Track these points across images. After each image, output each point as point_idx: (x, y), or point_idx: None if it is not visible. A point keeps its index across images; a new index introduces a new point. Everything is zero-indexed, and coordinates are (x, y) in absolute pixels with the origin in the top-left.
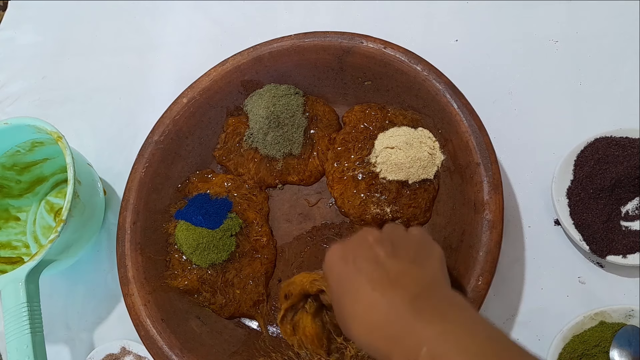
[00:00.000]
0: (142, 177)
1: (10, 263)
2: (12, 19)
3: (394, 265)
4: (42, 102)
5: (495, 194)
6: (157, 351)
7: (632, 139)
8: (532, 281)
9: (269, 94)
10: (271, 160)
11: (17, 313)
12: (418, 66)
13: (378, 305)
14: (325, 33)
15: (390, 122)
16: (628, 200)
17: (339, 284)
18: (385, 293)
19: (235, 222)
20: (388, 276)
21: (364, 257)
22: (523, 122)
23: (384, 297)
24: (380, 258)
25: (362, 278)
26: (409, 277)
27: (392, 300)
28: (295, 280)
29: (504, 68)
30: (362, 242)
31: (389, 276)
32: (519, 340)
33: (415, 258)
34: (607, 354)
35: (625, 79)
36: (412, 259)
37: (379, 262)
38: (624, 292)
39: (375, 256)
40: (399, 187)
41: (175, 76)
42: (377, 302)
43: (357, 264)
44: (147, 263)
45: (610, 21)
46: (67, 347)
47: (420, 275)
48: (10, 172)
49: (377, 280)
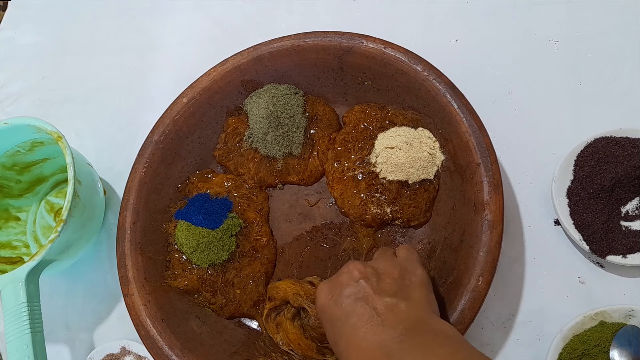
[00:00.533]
0: (142, 177)
1: (10, 263)
2: (12, 19)
3: (381, 304)
4: (42, 102)
5: (495, 194)
6: (157, 351)
7: (632, 139)
8: (532, 281)
9: (269, 94)
10: (271, 160)
11: (17, 313)
12: (418, 66)
13: (369, 346)
14: (325, 33)
15: (390, 122)
16: (628, 200)
17: (332, 328)
18: (375, 334)
19: (235, 222)
20: (378, 317)
21: (352, 296)
22: (523, 122)
23: (375, 337)
24: (367, 296)
25: (353, 320)
26: (396, 316)
27: (382, 341)
28: (279, 285)
29: (504, 68)
30: (348, 279)
31: (379, 317)
32: (518, 340)
33: (400, 289)
34: (607, 354)
35: (625, 79)
36: (396, 291)
37: (367, 300)
38: (624, 292)
39: (364, 295)
40: (399, 187)
41: (175, 76)
42: (369, 343)
43: (345, 305)
44: (147, 263)
45: (610, 21)
46: (67, 347)
47: (406, 312)
48: (10, 172)
49: (366, 321)
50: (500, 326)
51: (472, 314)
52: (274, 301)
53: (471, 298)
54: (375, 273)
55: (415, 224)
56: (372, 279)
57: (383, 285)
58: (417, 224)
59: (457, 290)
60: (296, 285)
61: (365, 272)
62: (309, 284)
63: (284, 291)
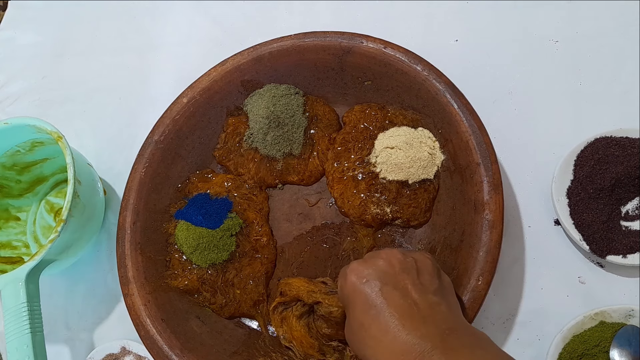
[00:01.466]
0: (142, 177)
1: (10, 263)
2: (12, 19)
3: (422, 299)
4: (42, 102)
5: (495, 194)
6: (157, 351)
7: (632, 139)
8: (532, 281)
9: (269, 94)
10: (271, 160)
11: (17, 313)
12: (418, 66)
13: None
14: (325, 33)
15: (390, 122)
16: (628, 200)
17: (364, 310)
18: (417, 328)
19: (235, 222)
20: (419, 312)
21: (391, 286)
22: (523, 122)
23: (416, 331)
24: (408, 290)
25: (392, 310)
26: (439, 314)
27: (425, 336)
28: (293, 283)
29: (504, 68)
30: (387, 268)
31: (420, 312)
32: (518, 340)
33: (438, 288)
34: (607, 354)
35: (625, 79)
36: (435, 290)
37: (408, 294)
38: (624, 292)
39: (404, 287)
40: (399, 187)
41: (175, 76)
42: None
43: (384, 293)
44: (147, 263)
45: (610, 21)
46: (67, 347)
47: (447, 311)
48: (10, 172)
49: (407, 316)
50: (500, 326)
51: (472, 314)
52: (285, 297)
53: (471, 298)
54: (415, 266)
55: (415, 224)
56: (412, 272)
57: (423, 281)
58: (417, 224)
59: (457, 290)
60: (310, 284)
61: (406, 262)
62: (322, 284)
63: (297, 289)
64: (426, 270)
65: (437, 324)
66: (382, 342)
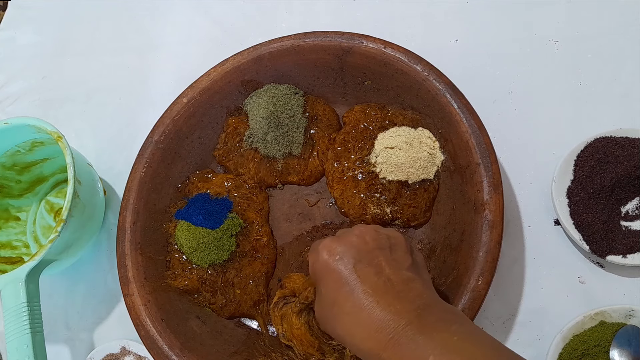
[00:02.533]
0: (142, 177)
1: (10, 263)
2: (12, 19)
3: (396, 276)
4: (42, 102)
5: (495, 194)
6: (157, 351)
7: (632, 139)
8: (532, 281)
9: (269, 94)
10: (271, 160)
11: (17, 313)
12: (418, 66)
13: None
14: (325, 33)
15: (390, 122)
16: (628, 200)
17: (337, 287)
18: (391, 304)
19: (235, 222)
20: (393, 288)
21: (365, 262)
22: (523, 122)
23: (390, 307)
24: (382, 266)
25: (366, 287)
26: (413, 291)
27: (399, 312)
28: (293, 277)
29: (504, 68)
30: (361, 244)
31: (394, 288)
32: (518, 340)
33: (412, 265)
34: (607, 354)
35: (625, 79)
36: (409, 266)
37: (382, 271)
38: (624, 292)
39: (377, 264)
40: (399, 187)
41: (175, 76)
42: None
43: (358, 270)
44: (147, 263)
45: (610, 21)
46: (67, 347)
47: (422, 287)
48: (10, 172)
49: (381, 292)
50: (500, 326)
51: (472, 314)
52: (284, 289)
53: (471, 298)
54: (388, 242)
55: (415, 224)
56: (385, 248)
57: (396, 257)
58: (417, 224)
59: (457, 290)
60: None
61: (379, 239)
62: None
63: (294, 283)
64: (399, 246)
65: (412, 299)
66: (356, 319)
